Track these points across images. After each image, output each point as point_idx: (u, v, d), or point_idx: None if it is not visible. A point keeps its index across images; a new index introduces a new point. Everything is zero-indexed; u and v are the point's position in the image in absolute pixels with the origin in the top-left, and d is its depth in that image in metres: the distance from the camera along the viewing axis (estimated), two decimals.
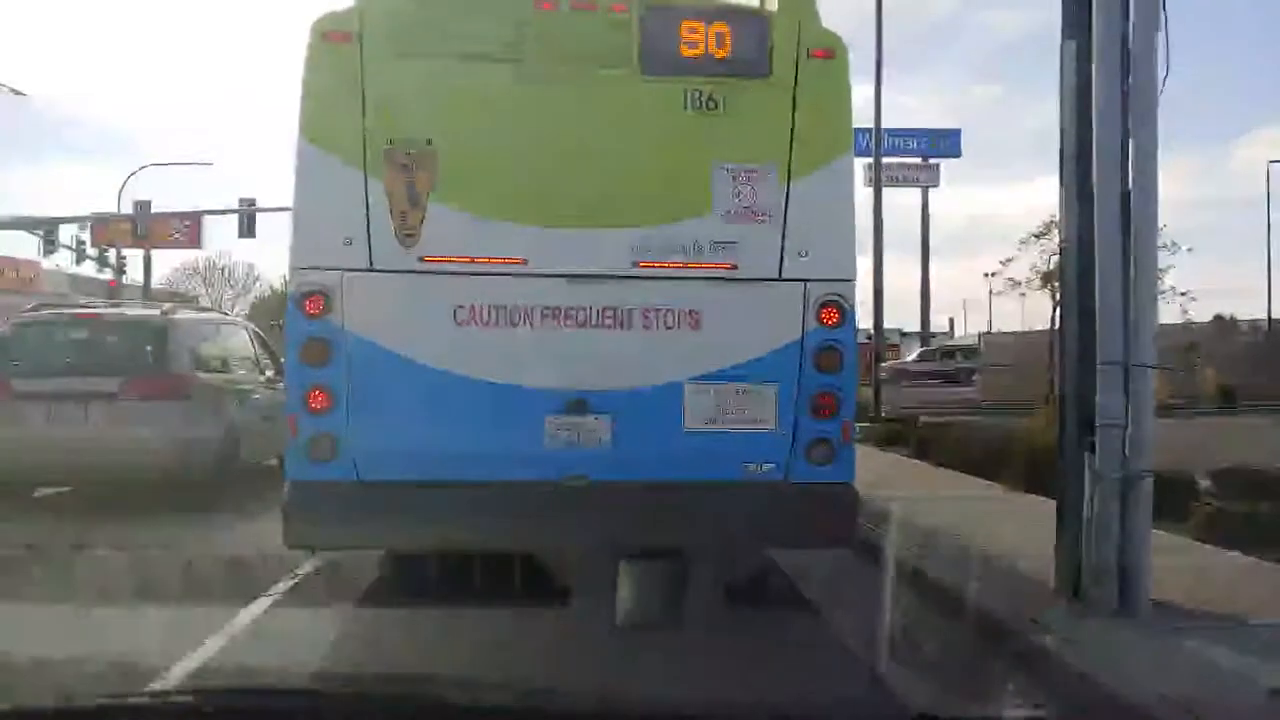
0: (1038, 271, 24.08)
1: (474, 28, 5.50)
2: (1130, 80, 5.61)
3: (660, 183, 5.56)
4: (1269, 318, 42.33)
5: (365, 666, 5.23)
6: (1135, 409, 5.60)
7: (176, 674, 4.81)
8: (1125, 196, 5.63)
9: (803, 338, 5.54)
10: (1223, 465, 9.23)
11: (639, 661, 4.96)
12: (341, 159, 5.42)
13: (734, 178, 5.54)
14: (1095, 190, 5.69)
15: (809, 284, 5.57)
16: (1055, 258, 21.28)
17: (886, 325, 26.37)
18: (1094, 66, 5.69)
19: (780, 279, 5.56)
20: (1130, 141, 5.62)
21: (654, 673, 4.76)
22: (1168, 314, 25.05)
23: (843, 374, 5.64)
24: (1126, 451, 5.58)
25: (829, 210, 5.62)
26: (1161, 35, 5.58)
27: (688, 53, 5.53)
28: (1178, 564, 6.39)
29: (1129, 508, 5.59)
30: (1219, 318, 35.70)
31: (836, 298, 5.59)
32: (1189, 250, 25.08)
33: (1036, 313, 53.03)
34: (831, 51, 5.61)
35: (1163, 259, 15.25)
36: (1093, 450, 5.68)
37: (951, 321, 75.46)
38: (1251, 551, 7.11)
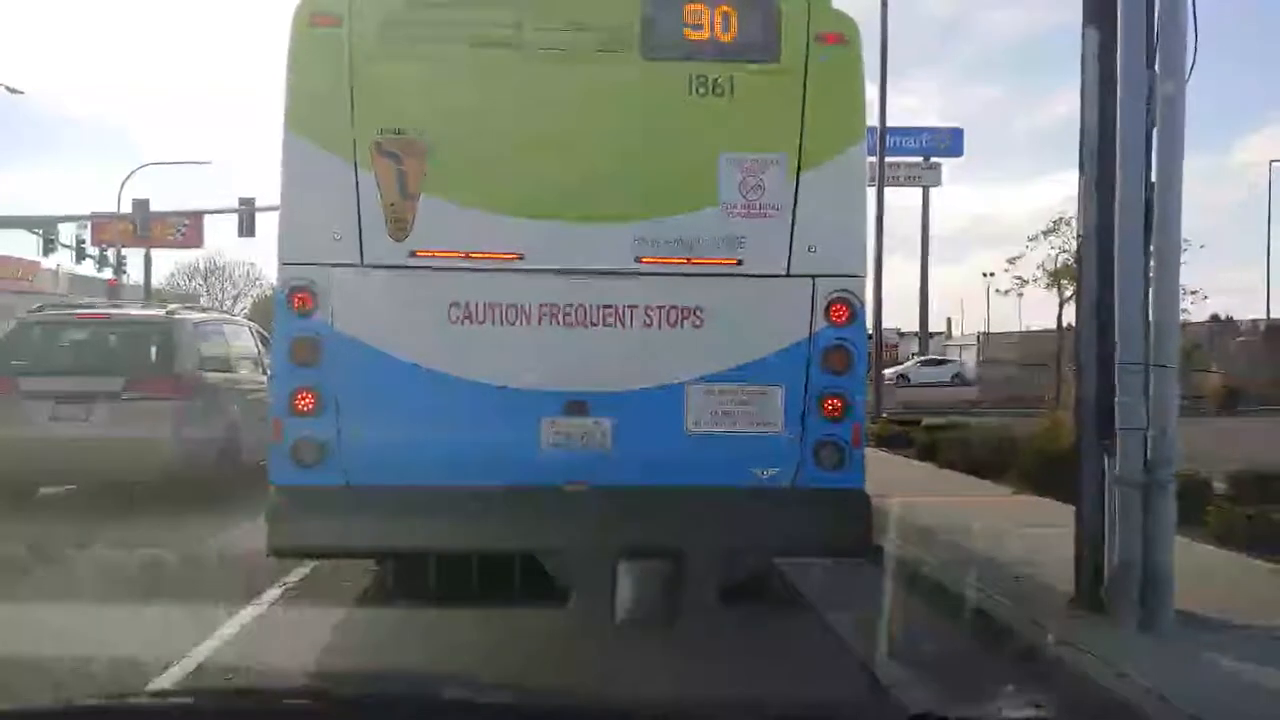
0: (1046, 270, 23.98)
1: (468, 10, 5.30)
2: (1156, 67, 5.42)
3: (663, 173, 5.34)
4: (1268, 317, 42.30)
5: (364, 666, 5.22)
6: (1158, 411, 5.40)
7: (176, 674, 4.82)
8: (1149, 189, 5.44)
9: (811, 336, 5.31)
10: (1236, 467, 9.05)
11: (638, 661, 4.94)
12: (329, 149, 5.20)
13: (740, 169, 5.30)
14: (1118, 182, 5.51)
15: (818, 280, 5.34)
16: (1063, 255, 21.19)
17: (885, 325, 26.30)
18: (1117, 53, 5.51)
19: (788, 275, 5.33)
20: (1155, 131, 5.43)
21: (654, 673, 4.73)
22: None
23: (853, 374, 5.41)
24: (1149, 455, 5.40)
25: (840, 203, 5.39)
26: (1189, 19, 5.38)
27: (691, 36, 5.30)
28: (1198, 570, 6.22)
29: (1151, 514, 5.40)
30: (1215, 318, 35.63)
31: (846, 294, 5.35)
32: (1202, 247, 24.92)
33: (1035, 312, 53.06)
34: (844, 36, 5.36)
35: None
36: (1112, 454, 5.49)
37: (949, 322, 75.64)
38: (1273, 557, 6.98)
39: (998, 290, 31.25)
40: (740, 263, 5.34)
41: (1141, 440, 5.42)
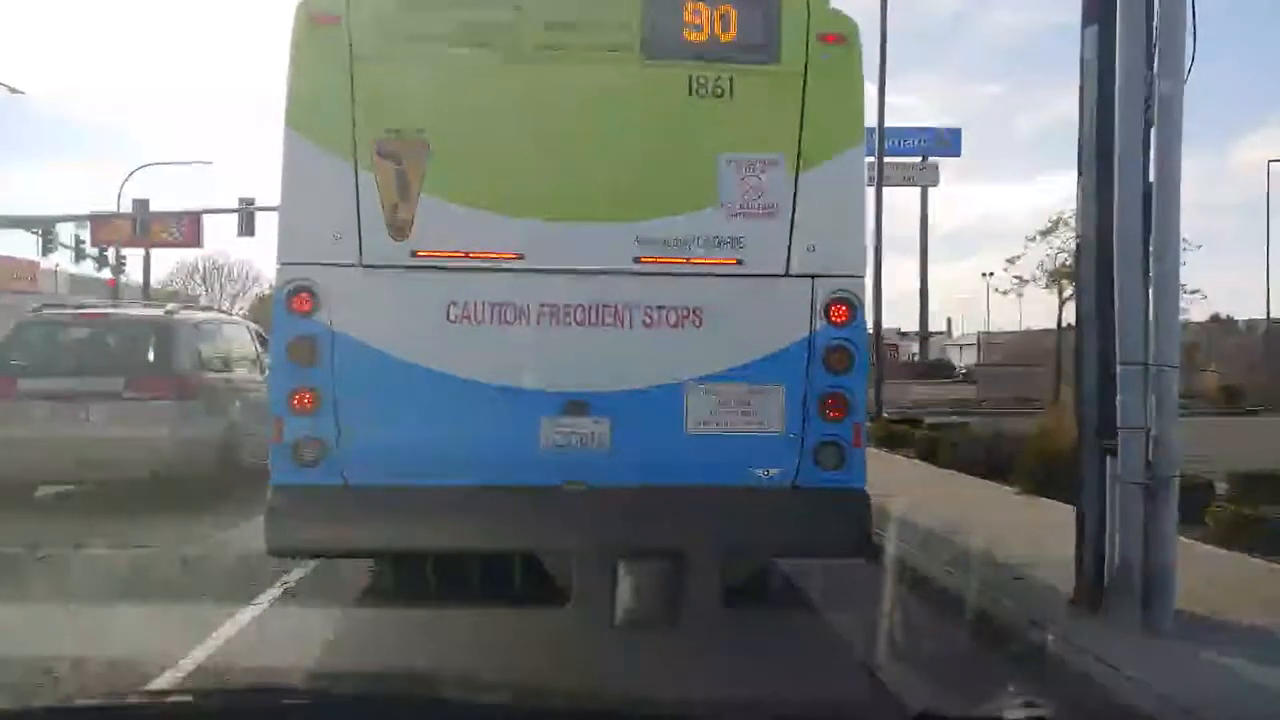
0: (1045, 270, 24.01)
1: (468, 10, 5.30)
2: (1155, 68, 5.42)
3: (662, 174, 5.34)
4: (1268, 317, 42.33)
5: (364, 665, 5.21)
6: (1159, 411, 5.39)
7: (176, 674, 4.82)
8: (1147, 188, 5.45)
9: (811, 336, 5.30)
10: (1235, 467, 9.06)
11: (639, 661, 4.93)
12: (329, 149, 5.20)
13: (740, 169, 5.30)
14: (1116, 182, 5.51)
15: (817, 280, 5.33)
16: (1062, 255, 21.19)
17: (884, 325, 26.33)
18: (1116, 53, 5.52)
19: (788, 275, 5.33)
20: (1153, 131, 5.44)
21: (654, 673, 4.73)
22: None
23: (853, 374, 5.38)
24: (1150, 456, 5.39)
25: (839, 203, 5.39)
26: (1188, 20, 5.39)
27: (691, 36, 5.30)
28: (1199, 570, 6.22)
29: (1153, 515, 5.39)
30: (1215, 317, 35.68)
31: (846, 294, 5.34)
32: (1200, 247, 24.94)
33: (1034, 312, 53.14)
34: (843, 37, 5.36)
35: None
36: (1114, 454, 5.48)
37: (949, 321, 75.74)
38: (1274, 557, 6.97)
39: (997, 290, 31.30)
40: (740, 263, 5.33)
41: (1143, 440, 5.40)
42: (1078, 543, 5.85)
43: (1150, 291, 5.49)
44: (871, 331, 21.64)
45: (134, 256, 39.12)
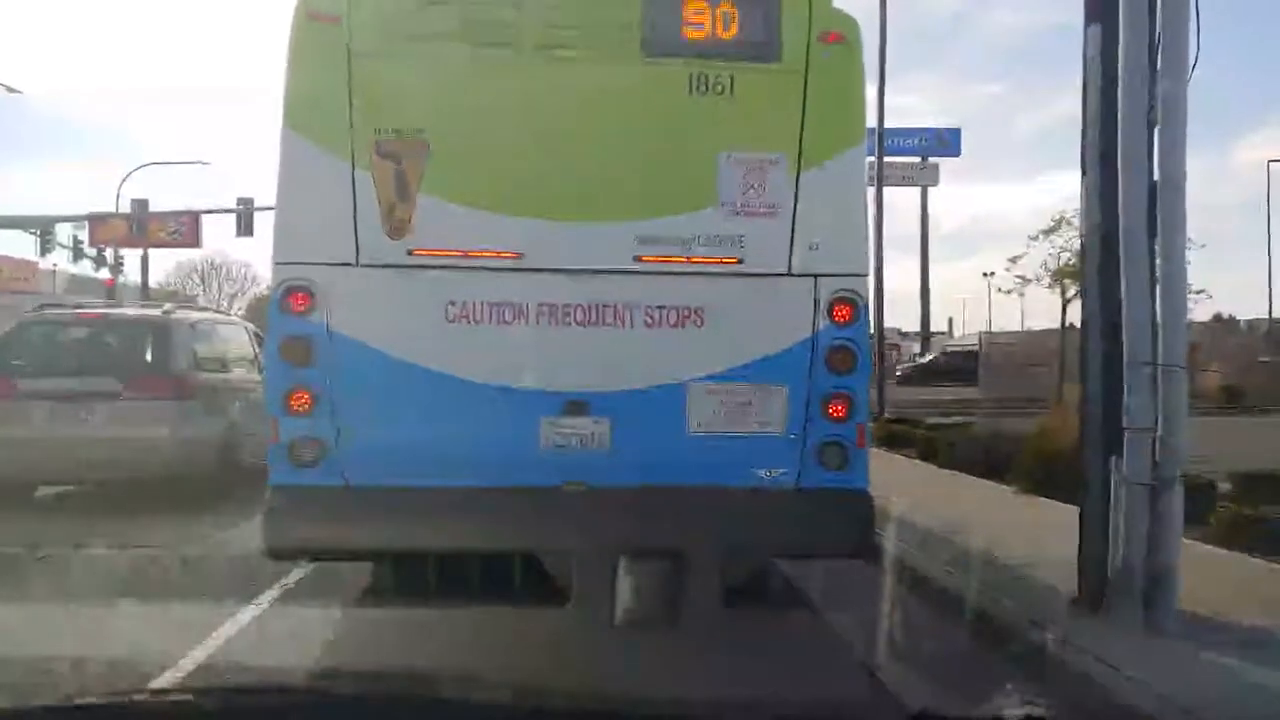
0: (1048, 269, 23.95)
1: (468, 9, 5.27)
2: (1159, 65, 5.40)
3: (663, 172, 5.32)
4: (1270, 316, 42.38)
5: (364, 666, 5.21)
6: (1167, 412, 5.37)
7: (177, 673, 4.81)
8: (1152, 187, 5.43)
9: (814, 336, 5.27)
10: (1237, 467, 9.06)
11: (639, 661, 4.92)
12: (327, 148, 5.17)
13: (741, 168, 5.27)
14: (1120, 181, 5.50)
15: (820, 279, 5.30)
16: (1065, 254, 21.13)
17: (886, 324, 26.35)
18: (1119, 52, 5.50)
19: (789, 274, 5.30)
20: (1157, 131, 5.43)
21: (654, 673, 4.72)
22: None
23: (856, 374, 5.35)
24: (1156, 456, 5.37)
25: (841, 202, 5.38)
26: (1192, 18, 5.38)
27: (692, 34, 5.28)
28: (1202, 570, 6.21)
29: (1157, 515, 5.38)
30: (1218, 317, 35.64)
31: (849, 293, 5.32)
32: (1203, 246, 24.85)
33: (1036, 311, 53.17)
34: (844, 36, 5.35)
35: None
36: (1119, 454, 5.47)
37: (951, 321, 75.82)
38: (1276, 558, 6.96)
39: (999, 290, 31.33)
40: (741, 262, 5.30)
41: (1149, 440, 5.39)
42: (1080, 542, 5.84)
43: (1157, 291, 5.47)
44: (873, 332, 21.79)
45: (133, 256, 39.21)
